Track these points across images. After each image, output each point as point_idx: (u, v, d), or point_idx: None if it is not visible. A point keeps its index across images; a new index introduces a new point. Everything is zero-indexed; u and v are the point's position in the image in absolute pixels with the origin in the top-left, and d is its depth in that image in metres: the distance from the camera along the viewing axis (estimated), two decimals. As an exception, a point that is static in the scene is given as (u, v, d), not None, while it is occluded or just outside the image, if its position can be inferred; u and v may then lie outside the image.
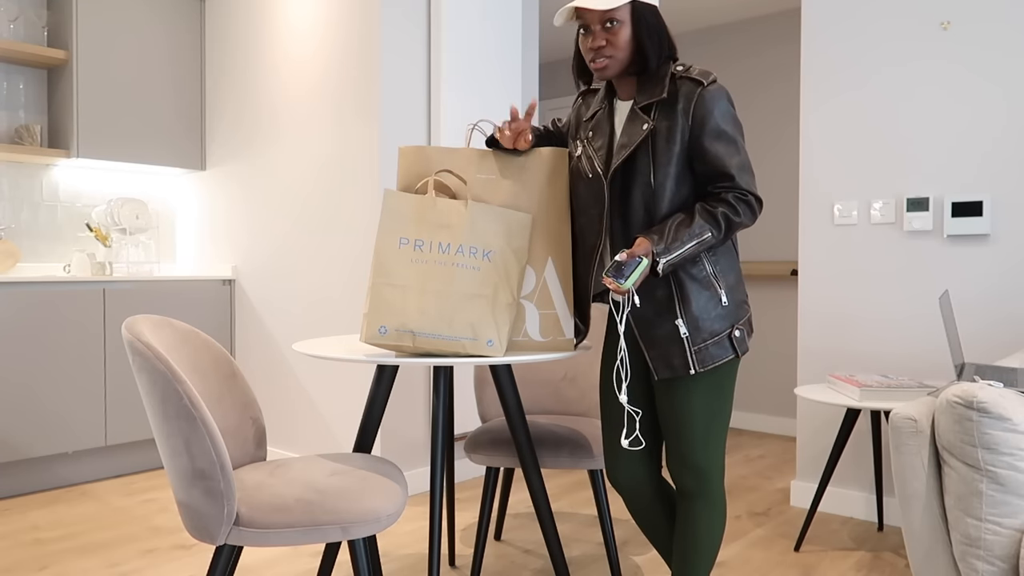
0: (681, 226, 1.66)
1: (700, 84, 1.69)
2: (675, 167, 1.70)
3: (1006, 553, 1.45)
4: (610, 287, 1.58)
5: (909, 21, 2.96)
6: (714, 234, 1.68)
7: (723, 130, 1.69)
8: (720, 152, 1.69)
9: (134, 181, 4.18)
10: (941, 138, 2.91)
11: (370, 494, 1.65)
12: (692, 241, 1.66)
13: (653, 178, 1.71)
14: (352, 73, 3.35)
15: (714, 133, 1.69)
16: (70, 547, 2.73)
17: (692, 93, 1.69)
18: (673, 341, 1.72)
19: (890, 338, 3.02)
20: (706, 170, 1.71)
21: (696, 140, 1.69)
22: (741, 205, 1.69)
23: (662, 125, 1.70)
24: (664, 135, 1.70)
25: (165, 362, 1.53)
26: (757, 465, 3.95)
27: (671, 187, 1.71)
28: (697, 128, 1.69)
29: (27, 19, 3.78)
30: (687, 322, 1.71)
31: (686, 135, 1.69)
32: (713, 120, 1.68)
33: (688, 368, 1.72)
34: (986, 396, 1.47)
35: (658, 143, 1.70)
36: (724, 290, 1.75)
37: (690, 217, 1.68)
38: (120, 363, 3.61)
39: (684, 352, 1.72)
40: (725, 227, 1.69)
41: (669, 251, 1.64)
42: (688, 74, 1.71)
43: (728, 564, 2.61)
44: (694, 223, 1.66)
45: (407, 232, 1.77)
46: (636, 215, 1.74)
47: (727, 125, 1.70)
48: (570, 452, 2.26)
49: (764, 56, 4.78)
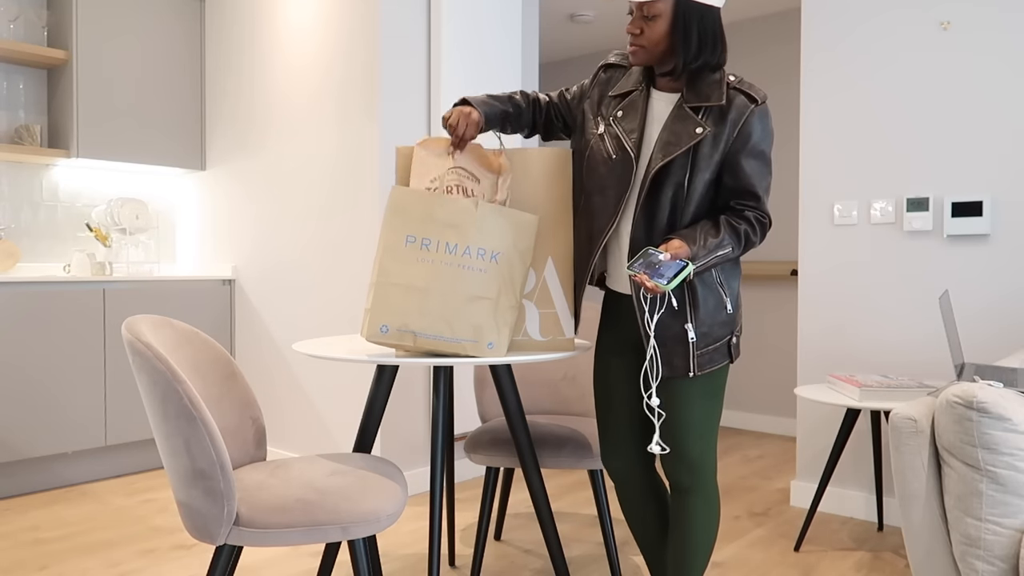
0: (710, 236, 1.68)
1: (755, 101, 1.70)
2: (711, 174, 1.71)
3: (1006, 553, 1.45)
4: (647, 285, 1.56)
5: (909, 21, 2.96)
6: (734, 249, 1.71)
7: (762, 151, 1.71)
8: (755, 171, 1.71)
9: (134, 181, 4.18)
10: (941, 138, 2.91)
11: (370, 494, 1.65)
12: (718, 252, 1.68)
13: (688, 181, 1.70)
14: (352, 73, 3.35)
15: (754, 152, 1.70)
16: (70, 547, 2.73)
17: (745, 108, 1.69)
18: (679, 343, 1.73)
19: (890, 338, 3.02)
20: (735, 185, 1.72)
21: (735, 154, 1.70)
22: (759, 226, 1.73)
23: (710, 132, 1.69)
24: (710, 142, 1.69)
25: (165, 362, 1.53)
26: (757, 465, 3.95)
27: (701, 192, 1.72)
28: (740, 143, 1.70)
29: (27, 19, 3.78)
30: (696, 326, 1.73)
31: (728, 146, 1.70)
32: (756, 138, 1.70)
33: (687, 370, 1.74)
34: (986, 396, 1.47)
35: (703, 148, 1.69)
36: (729, 297, 1.77)
37: (716, 228, 1.69)
38: (120, 363, 3.61)
39: (687, 354, 1.73)
40: (744, 245, 1.73)
41: (699, 259, 1.65)
42: (742, 87, 1.71)
43: (727, 564, 2.61)
44: (721, 235, 1.68)
45: (414, 230, 1.75)
46: (662, 213, 1.73)
47: (767, 147, 1.72)
48: (570, 452, 2.26)
49: (764, 56, 4.78)
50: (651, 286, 1.55)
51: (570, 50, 5.58)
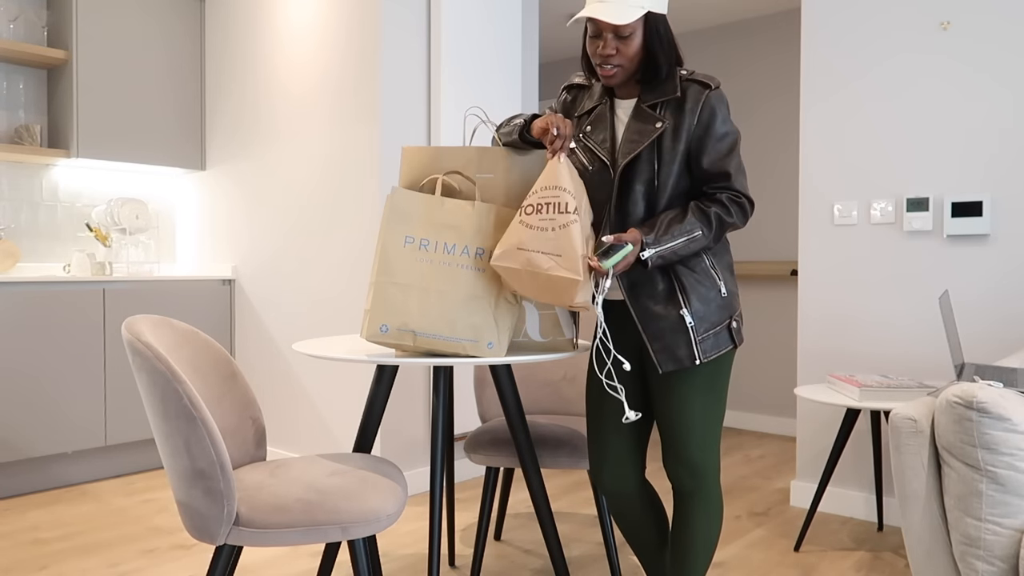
0: (673, 222, 1.72)
1: (708, 87, 1.75)
2: (678, 164, 1.76)
3: (1006, 553, 1.45)
4: (591, 264, 1.64)
5: (909, 20, 2.96)
6: (704, 232, 1.73)
7: (725, 132, 1.75)
8: (720, 152, 1.75)
9: (134, 181, 4.18)
10: (941, 138, 2.91)
11: (370, 494, 1.65)
12: (682, 237, 1.70)
13: (657, 174, 1.75)
14: (352, 73, 3.35)
15: (717, 135, 1.75)
16: (70, 547, 2.73)
17: (700, 95, 1.74)
18: (678, 331, 1.75)
19: (890, 338, 3.02)
20: (705, 170, 1.76)
21: (698, 140, 1.75)
22: (734, 206, 1.76)
23: (670, 124, 1.74)
24: (671, 134, 1.74)
25: (165, 362, 1.53)
26: (757, 465, 3.95)
27: (672, 184, 1.76)
28: (701, 129, 1.74)
29: (27, 19, 3.78)
30: (692, 312, 1.75)
31: (690, 134, 1.74)
32: (717, 122, 1.74)
33: (693, 359, 1.75)
34: (986, 396, 1.47)
35: (665, 141, 1.75)
36: (722, 281, 1.80)
37: (683, 214, 1.73)
38: (120, 363, 3.61)
39: (689, 342, 1.75)
40: (717, 226, 1.74)
41: (659, 243, 1.69)
42: (694, 77, 1.76)
43: (728, 564, 2.61)
44: (686, 220, 1.72)
45: (413, 231, 1.77)
46: (636, 209, 1.77)
47: (729, 127, 1.76)
48: (570, 452, 2.26)
49: (764, 57, 4.78)
50: (595, 265, 1.63)
51: (570, 50, 5.58)
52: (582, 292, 1.65)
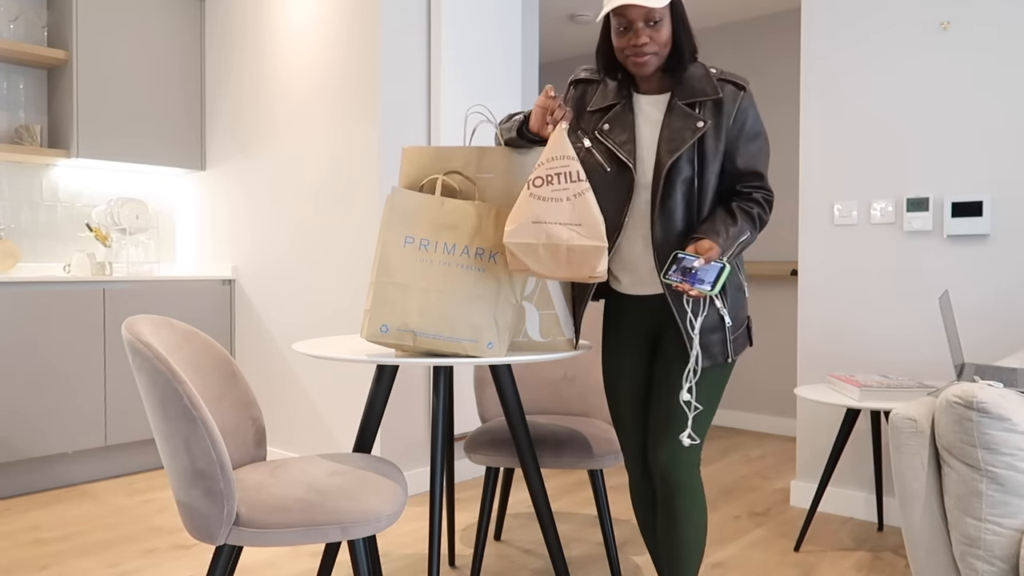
0: (731, 227, 1.73)
1: (743, 88, 1.77)
2: (718, 165, 1.77)
3: (1006, 553, 1.45)
4: (692, 294, 1.59)
5: (909, 20, 2.96)
6: (753, 234, 1.77)
7: (758, 131, 1.79)
8: (756, 152, 1.78)
9: (134, 181, 4.18)
10: (941, 138, 2.91)
11: (370, 494, 1.65)
12: (740, 239, 1.74)
13: (699, 176, 1.76)
14: (352, 73, 3.35)
15: (752, 134, 1.78)
16: (70, 547, 2.73)
17: (736, 95, 1.76)
18: (716, 330, 1.77)
19: (890, 338, 3.02)
20: (741, 168, 1.78)
21: (734, 140, 1.77)
22: (767, 204, 1.81)
23: (711, 124, 1.75)
24: (712, 133, 1.75)
25: (165, 362, 1.53)
26: (757, 465, 3.95)
27: (714, 184, 1.78)
28: (736, 129, 1.76)
29: (27, 19, 3.78)
30: (729, 311, 1.78)
31: (727, 134, 1.76)
32: (751, 121, 1.77)
33: (726, 356, 1.78)
34: (986, 396, 1.47)
35: (707, 141, 1.75)
36: (744, 280, 1.84)
37: (733, 218, 1.75)
38: (120, 363, 3.61)
39: (724, 340, 1.78)
40: (760, 227, 1.79)
41: (728, 250, 1.71)
42: (725, 76, 1.78)
43: (727, 564, 2.61)
44: (739, 223, 1.74)
45: (413, 231, 1.76)
46: (678, 211, 1.76)
47: (761, 127, 1.80)
48: (570, 452, 2.26)
49: (764, 56, 4.78)
50: (695, 293, 1.59)
51: (570, 50, 5.58)
52: (604, 260, 1.64)
